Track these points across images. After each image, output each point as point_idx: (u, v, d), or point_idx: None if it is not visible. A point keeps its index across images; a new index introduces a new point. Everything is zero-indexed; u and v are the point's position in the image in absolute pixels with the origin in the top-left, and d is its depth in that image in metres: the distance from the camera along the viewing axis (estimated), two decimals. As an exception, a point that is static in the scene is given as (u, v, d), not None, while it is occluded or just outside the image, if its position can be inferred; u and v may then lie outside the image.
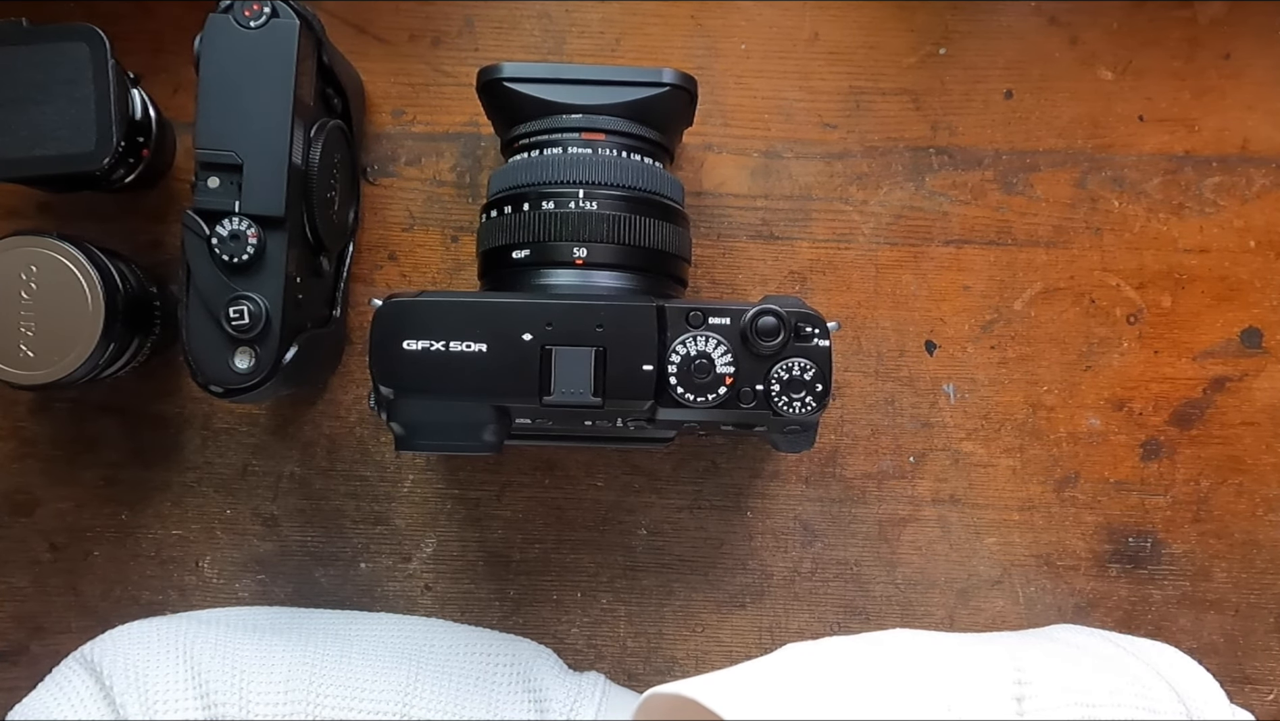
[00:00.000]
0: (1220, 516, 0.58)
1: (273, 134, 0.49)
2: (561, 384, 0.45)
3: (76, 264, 0.50)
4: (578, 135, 0.50)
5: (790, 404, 0.46)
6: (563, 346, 0.45)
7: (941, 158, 0.58)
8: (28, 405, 0.58)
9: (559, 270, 0.48)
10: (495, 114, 0.53)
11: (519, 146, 0.51)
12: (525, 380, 0.45)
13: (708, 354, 0.46)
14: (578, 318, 0.45)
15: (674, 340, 0.46)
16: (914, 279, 0.58)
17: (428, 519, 0.58)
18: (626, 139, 0.50)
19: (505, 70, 0.50)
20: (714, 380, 0.46)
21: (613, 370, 0.45)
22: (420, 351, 0.45)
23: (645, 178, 0.50)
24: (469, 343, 0.45)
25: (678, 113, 0.52)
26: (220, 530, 0.58)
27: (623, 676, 0.58)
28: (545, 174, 0.49)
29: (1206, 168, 0.58)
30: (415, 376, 0.45)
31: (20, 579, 0.58)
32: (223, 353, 0.49)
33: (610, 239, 0.48)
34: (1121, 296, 0.58)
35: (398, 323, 0.45)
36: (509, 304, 0.46)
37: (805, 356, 0.46)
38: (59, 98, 0.49)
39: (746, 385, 0.46)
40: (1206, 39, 0.58)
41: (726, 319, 0.46)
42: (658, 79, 0.50)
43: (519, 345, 0.45)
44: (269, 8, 0.49)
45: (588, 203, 0.48)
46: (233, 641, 0.50)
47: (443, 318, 0.45)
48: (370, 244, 0.58)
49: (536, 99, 0.50)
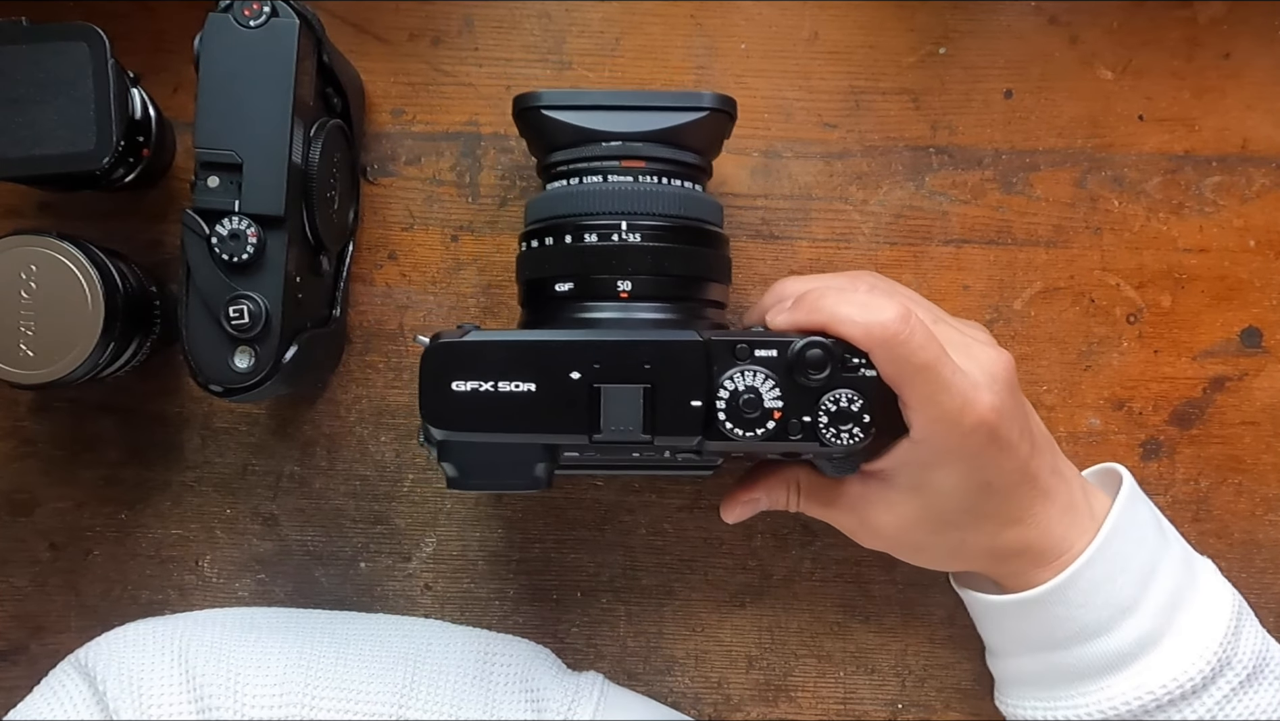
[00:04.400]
0: (1220, 516, 0.58)
1: (272, 133, 0.49)
2: (611, 421, 0.45)
3: (76, 264, 0.50)
4: (617, 163, 0.49)
5: (838, 435, 0.45)
6: (611, 385, 0.45)
7: (941, 157, 0.58)
8: (28, 405, 0.58)
9: (603, 303, 0.48)
10: (532, 140, 0.52)
11: (557, 173, 0.50)
12: (575, 419, 0.45)
13: (756, 388, 0.45)
14: (625, 355, 0.45)
15: (721, 374, 0.45)
16: (914, 278, 0.58)
17: (428, 519, 0.58)
18: (667, 164, 0.49)
19: (543, 98, 0.49)
20: (762, 415, 0.45)
21: (661, 407, 0.45)
22: (470, 392, 0.45)
23: (687, 205, 0.49)
24: (518, 382, 0.45)
25: (718, 134, 0.52)
26: (220, 529, 0.58)
27: (623, 676, 0.58)
28: (586, 204, 0.49)
29: (1206, 167, 0.58)
30: (465, 417, 0.45)
31: (20, 578, 0.58)
32: (223, 352, 0.49)
33: (654, 270, 0.48)
34: (1121, 296, 0.58)
35: (446, 363, 0.45)
36: (556, 342, 0.45)
37: (852, 387, 0.45)
38: (59, 97, 0.49)
39: (794, 417, 0.45)
40: (1206, 39, 0.58)
41: (773, 350, 0.46)
42: (698, 103, 0.49)
43: (567, 384, 0.45)
44: (269, 7, 0.49)
45: (631, 234, 0.48)
46: (228, 643, 0.50)
47: (491, 358, 0.45)
48: (370, 243, 0.58)
49: (575, 126, 0.49)
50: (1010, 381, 0.47)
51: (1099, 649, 0.49)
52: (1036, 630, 0.50)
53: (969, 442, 0.46)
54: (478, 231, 0.58)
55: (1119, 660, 0.49)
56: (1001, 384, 0.47)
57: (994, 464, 0.47)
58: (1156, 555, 0.50)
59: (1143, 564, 0.49)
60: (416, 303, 0.58)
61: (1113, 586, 0.48)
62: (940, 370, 0.45)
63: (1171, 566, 0.50)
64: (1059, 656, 0.50)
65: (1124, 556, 0.49)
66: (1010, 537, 0.49)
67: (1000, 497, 0.48)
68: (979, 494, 0.48)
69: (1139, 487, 0.52)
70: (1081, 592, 0.48)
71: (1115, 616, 0.48)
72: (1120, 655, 0.49)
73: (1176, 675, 0.48)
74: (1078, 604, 0.49)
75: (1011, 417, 0.47)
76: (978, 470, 0.47)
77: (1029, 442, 0.48)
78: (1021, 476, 0.48)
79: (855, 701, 0.59)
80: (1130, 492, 0.51)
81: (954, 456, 0.47)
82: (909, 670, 0.59)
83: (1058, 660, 0.50)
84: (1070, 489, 0.50)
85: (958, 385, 0.45)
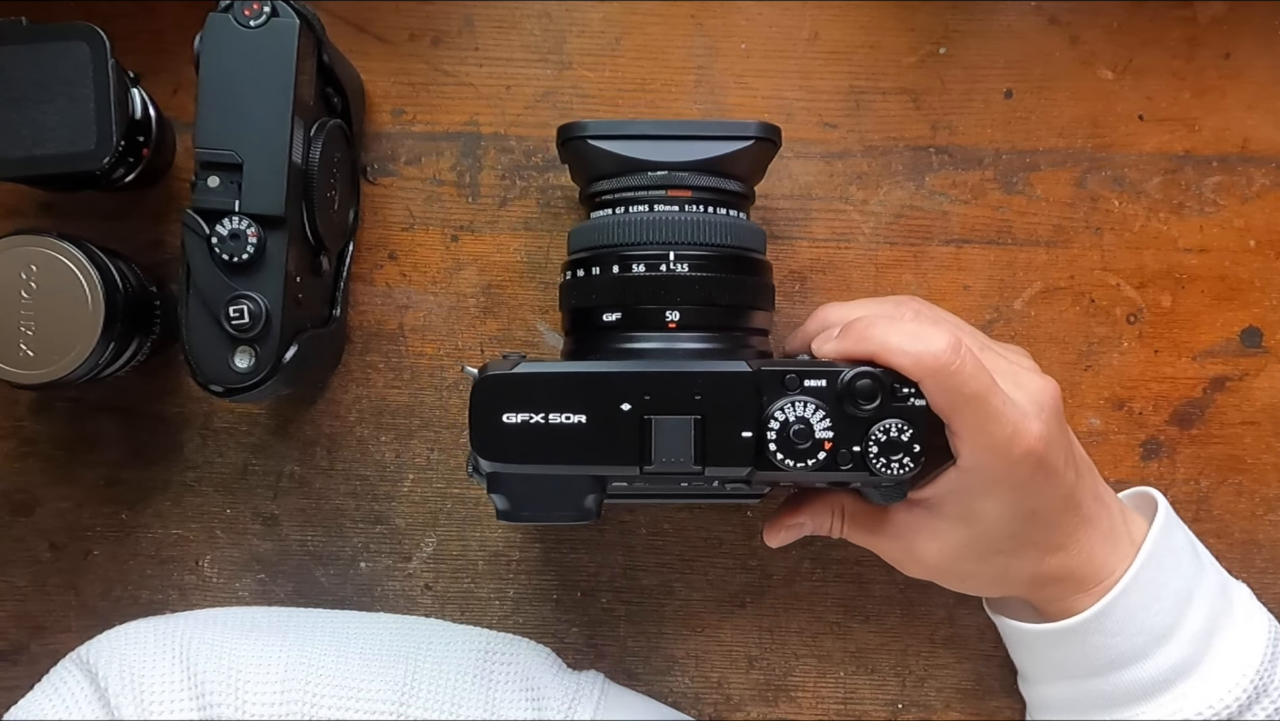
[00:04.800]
0: (1220, 516, 0.58)
1: (273, 133, 0.49)
2: (662, 453, 0.45)
3: (76, 264, 0.50)
4: (663, 192, 0.49)
5: (888, 465, 0.45)
6: (662, 416, 0.45)
7: (941, 157, 0.58)
8: (28, 405, 0.58)
9: (650, 333, 0.48)
10: (575, 168, 0.52)
11: (602, 202, 0.50)
12: (625, 450, 0.45)
13: (806, 419, 0.45)
14: (676, 387, 0.45)
15: (771, 405, 0.45)
16: (914, 278, 0.58)
17: (428, 519, 0.58)
18: (713, 194, 0.49)
19: (588, 128, 0.49)
20: (813, 445, 0.45)
21: (712, 438, 0.45)
22: (520, 424, 0.45)
23: (734, 234, 0.49)
24: (568, 414, 0.45)
25: (763, 161, 0.52)
26: (220, 529, 0.58)
27: (623, 676, 0.58)
28: (633, 234, 0.48)
29: (1206, 167, 0.58)
30: (516, 449, 0.45)
31: (20, 578, 0.58)
32: (223, 352, 0.49)
33: (702, 300, 0.48)
34: (1121, 296, 0.58)
35: (497, 396, 0.45)
36: (607, 373, 0.45)
37: (902, 417, 0.45)
38: (59, 97, 0.49)
39: (844, 447, 0.45)
40: (1206, 39, 0.58)
41: (823, 381, 0.45)
42: (744, 132, 0.49)
43: (618, 415, 0.45)
44: (269, 7, 0.49)
45: (678, 265, 0.48)
46: (229, 641, 0.50)
47: (541, 389, 0.45)
48: (370, 243, 0.58)
49: (620, 155, 0.49)
50: (1057, 410, 0.47)
51: (1134, 676, 0.49)
52: (1074, 658, 0.50)
53: (1017, 472, 0.46)
54: (478, 231, 0.58)
55: (1154, 687, 0.48)
56: (1050, 412, 0.47)
57: (1040, 492, 0.47)
58: (1192, 581, 0.50)
59: (1178, 590, 0.49)
60: (416, 303, 0.58)
61: (1148, 613, 0.48)
62: (991, 400, 0.45)
63: (1207, 592, 0.50)
64: (1095, 683, 0.50)
65: (1159, 584, 0.49)
66: (1054, 564, 0.49)
67: (1045, 525, 0.48)
68: (1025, 521, 0.48)
69: (1174, 513, 0.52)
70: (1118, 621, 0.48)
71: (1151, 643, 0.48)
72: (1155, 682, 0.48)
73: (1212, 702, 0.48)
74: (1114, 631, 0.48)
75: (1058, 446, 0.47)
76: (1025, 498, 0.47)
77: (1074, 470, 0.48)
78: (1066, 503, 0.48)
79: (855, 701, 0.59)
80: (1166, 519, 0.51)
81: (1002, 485, 0.47)
82: (909, 670, 0.59)
83: (1093, 687, 0.50)
84: (1111, 514, 0.50)
85: (1008, 415, 0.45)
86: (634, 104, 0.58)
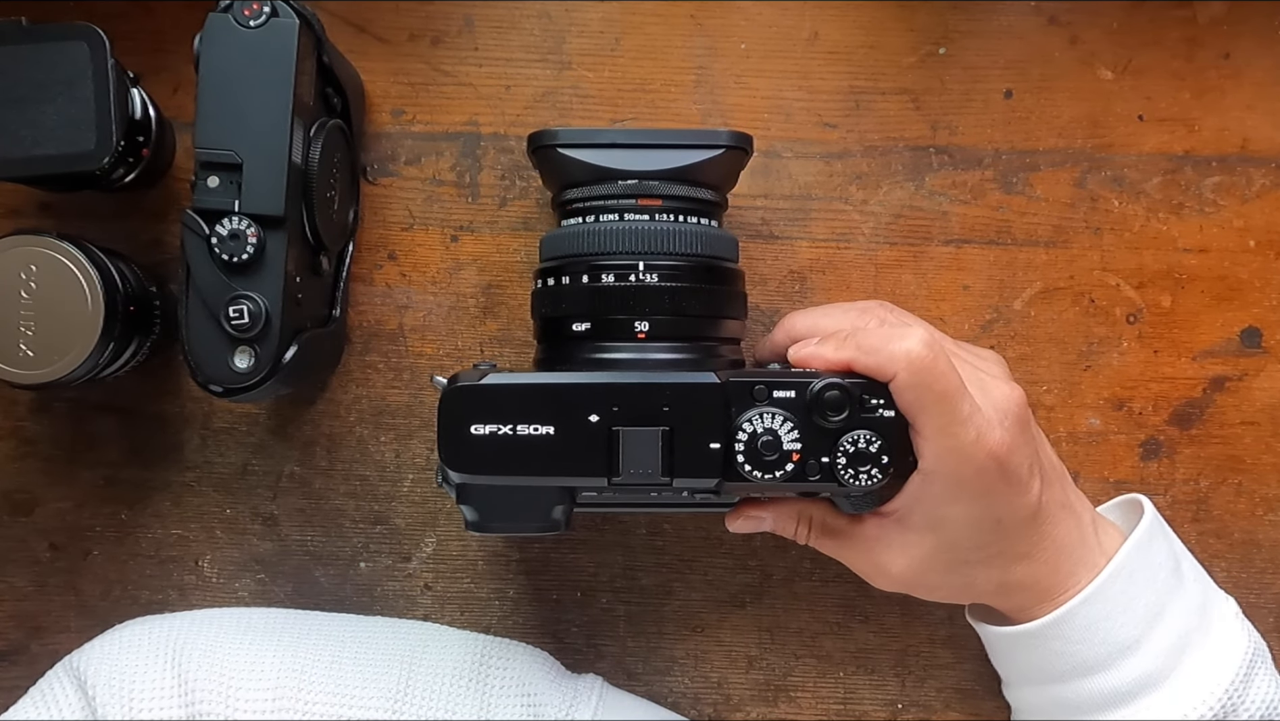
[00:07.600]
0: (1220, 516, 0.58)
1: (272, 133, 0.49)
2: (629, 464, 0.45)
3: (76, 264, 0.50)
4: (634, 201, 0.49)
5: (857, 476, 0.45)
6: (630, 427, 0.45)
7: (941, 157, 0.58)
8: (28, 405, 0.58)
9: (620, 344, 0.48)
10: (547, 176, 0.52)
11: (572, 210, 0.50)
12: (593, 461, 0.45)
13: (774, 430, 0.45)
14: (644, 398, 0.45)
15: (739, 416, 0.45)
16: (914, 278, 0.58)
17: (428, 519, 0.58)
18: (684, 202, 0.49)
19: (559, 135, 0.49)
20: (781, 457, 0.45)
21: (680, 449, 0.45)
22: (489, 435, 0.45)
23: (704, 243, 0.49)
24: (536, 425, 0.45)
25: (734, 170, 0.52)
26: (220, 529, 0.58)
27: (623, 676, 0.58)
28: (603, 244, 0.48)
29: (1206, 167, 0.58)
30: (484, 460, 0.45)
31: (20, 578, 0.58)
32: (223, 352, 0.49)
33: (672, 311, 0.48)
34: (1121, 296, 0.58)
35: (464, 407, 0.45)
36: (574, 385, 0.45)
37: (870, 428, 0.45)
38: (59, 97, 0.49)
39: (813, 458, 0.45)
40: (1206, 39, 0.58)
41: (791, 392, 0.45)
42: (714, 140, 0.49)
43: (586, 427, 0.45)
44: (269, 7, 0.49)
45: (648, 275, 0.48)
46: (223, 645, 0.50)
47: (509, 400, 0.45)
48: (370, 243, 0.58)
49: (590, 164, 0.49)
50: (1021, 417, 0.47)
51: (1098, 685, 0.49)
52: (1038, 662, 0.50)
53: (982, 478, 0.46)
54: (478, 231, 0.58)
55: (1118, 697, 0.48)
56: (1013, 420, 0.47)
57: (1004, 500, 0.47)
58: (1166, 596, 0.49)
59: (1149, 604, 0.49)
60: (416, 303, 0.58)
61: (1113, 624, 0.48)
62: (959, 403, 0.45)
63: (1182, 608, 0.50)
64: (1059, 689, 0.50)
65: (1129, 596, 0.49)
66: (1020, 572, 0.49)
67: (1010, 534, 0.48)
68: (991, 530, 0.48)
69: (1162, 523, 0.52)
70: (1079, 630, 0.48)
71: (1115, 654, 0.48)
72: (1119, 693, 0.48)
73: (1177, 718, 0.47)
74: (1075, 640, 0.49)
75: (1022, 454, 0.47)
76: (989, 506, 0.47)
77: (1039, 479, 0.48)
78: (1032, 512, 0.48)
79: (855, 701, 0.59)
80: (1146, 531, 0.50)
81: (965, 490, 0.47)
82: (909, 670, 0.59)
83: (1058, 693, 0.50)
84: (1080, 524, 0.50)
85: (973, 419, 0.45)
86: (633, 104, 0.58)
